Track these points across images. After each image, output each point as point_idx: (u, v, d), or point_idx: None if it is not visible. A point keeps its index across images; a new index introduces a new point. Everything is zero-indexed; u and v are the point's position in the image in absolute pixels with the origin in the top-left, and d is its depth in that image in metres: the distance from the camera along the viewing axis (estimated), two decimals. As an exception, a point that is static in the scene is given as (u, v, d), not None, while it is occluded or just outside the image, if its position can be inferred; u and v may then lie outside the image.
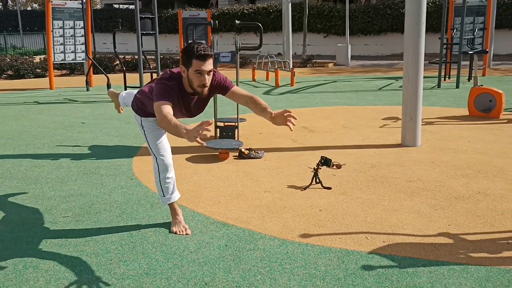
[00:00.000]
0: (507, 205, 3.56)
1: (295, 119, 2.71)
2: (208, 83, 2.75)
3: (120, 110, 3.88)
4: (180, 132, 2.45)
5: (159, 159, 3.17)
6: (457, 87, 10.38)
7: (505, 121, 6.73)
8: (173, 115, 2.86)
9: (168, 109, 2.64)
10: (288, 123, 2.68)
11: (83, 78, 12.34)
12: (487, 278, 2.54)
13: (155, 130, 3.19)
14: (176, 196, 3.28)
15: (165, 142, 3.22)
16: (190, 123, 6.90)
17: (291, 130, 2.72)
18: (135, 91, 3.66)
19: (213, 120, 2.46)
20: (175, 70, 2.85)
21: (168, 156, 3.20)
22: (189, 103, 2.92)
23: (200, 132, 2.30)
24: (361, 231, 3.16)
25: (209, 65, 2.71)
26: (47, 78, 12.43)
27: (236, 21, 5.38)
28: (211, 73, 2.77)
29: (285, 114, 2.70)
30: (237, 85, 5.11)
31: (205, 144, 2.38)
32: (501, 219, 3.32)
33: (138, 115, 3.21)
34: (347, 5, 17.05)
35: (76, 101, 9.37)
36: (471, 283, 2.49)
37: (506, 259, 2.73)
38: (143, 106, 3.12)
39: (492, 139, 5.67)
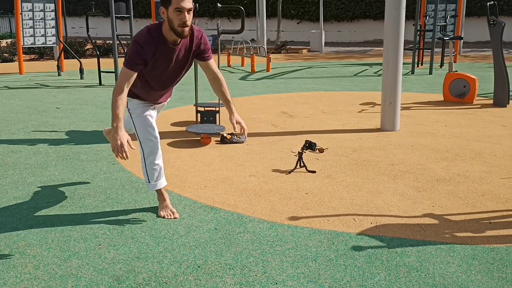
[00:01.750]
0: (487, 187, 3.67)
1: (242, 132, 2.99)
2: (189, 22, 2.72)
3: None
4: (112, 123, 2.62)
5: (145, 144, 3.07)
6: (430, 73, 10.56)
7: (479, 106, 6.89)
8: (148, 82, 2.93)
9: (125, 88, 2.73)
10: (236, 125, 2.94)
11: (53, 62, 12.02)
12: (473, 256, 2.61)
13: (142, 112, 3.07)
14: (162, 183, 3.19)
15: (152, 126, 3.08)
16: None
17: (234, 130, 2.95)
18: (132, 119, 3.14)
19: (128, 157, 2.52)
20: (155, 23, 2.86)
21: (156, 141, 3.08)
22: (170, 57, 2.87)
23: (120, 148, 2.55)
24: (348, 213, 3.20)
25: (188, 2, 2.68)
26: (16, 62, 12.06)
27: (218, 5, 5.32)
28: (191, 12, 2.73)
29: (236, 124, 2.95)
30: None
31: (119, 159, 2.50)
32: (482, 200, 3.42)
33: None
34: (321, -9, 17.06)
35: (49, 86, 9.13)
36: (458, 261, 2.56)
37: (490, 237, 2.82)
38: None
39: (467, 123, 5.81)
